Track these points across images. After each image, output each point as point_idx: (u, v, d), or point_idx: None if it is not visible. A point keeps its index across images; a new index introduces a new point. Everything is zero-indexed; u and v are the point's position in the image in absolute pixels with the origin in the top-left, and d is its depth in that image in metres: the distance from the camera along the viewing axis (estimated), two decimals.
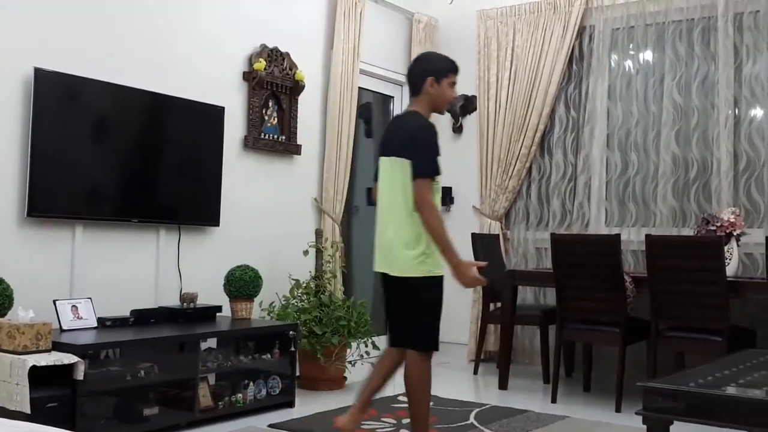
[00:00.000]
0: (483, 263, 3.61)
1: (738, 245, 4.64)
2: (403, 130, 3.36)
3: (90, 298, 3.84)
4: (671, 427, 2.64)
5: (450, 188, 6.38)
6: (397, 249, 3.25)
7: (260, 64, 4.87)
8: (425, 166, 3.20)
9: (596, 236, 5.20)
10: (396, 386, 5.05)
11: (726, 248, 4.48)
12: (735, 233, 4.58)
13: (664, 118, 5.41)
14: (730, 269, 4.50)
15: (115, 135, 4.09)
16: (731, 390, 2.56)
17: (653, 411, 2.63)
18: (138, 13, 4.27)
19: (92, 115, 3.98)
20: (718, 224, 4.54)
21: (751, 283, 4.42)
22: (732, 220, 4.56)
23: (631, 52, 5.70)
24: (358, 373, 5.06)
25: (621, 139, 5.65)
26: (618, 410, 4.35)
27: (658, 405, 2.62)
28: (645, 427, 2.66)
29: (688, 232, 5.15)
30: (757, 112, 5.18)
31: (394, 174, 3.27)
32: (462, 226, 6.13)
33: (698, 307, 4.27)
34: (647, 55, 5.61)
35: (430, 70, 3.35)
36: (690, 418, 2.60)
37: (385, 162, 3.35)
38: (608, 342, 4.62)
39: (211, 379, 4.06)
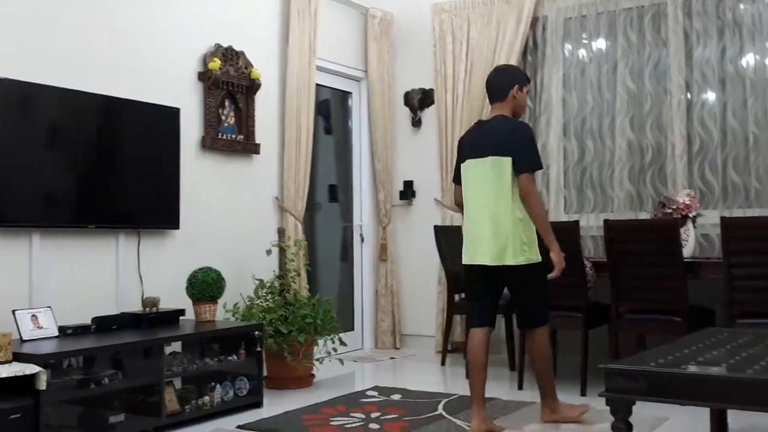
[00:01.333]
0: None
1: (694, 227, 4.73)
2: (500, 131, 3.67)
3: (50, 307, 3.79)
4: (634, 407, 2.70)
5: (411, 181, 6.41)
6: (509, 242, 3.58)
7: (215, 64, 4.84)
8: (531, 162, 3.61)
9: (555, 223, 5.22)
10: (365, 382, 5.08)
11: (682, 230, 4.56)
12: (691, 215, 4.67)
13: (618, 104, 5.49)
14: (687, 250, 4.59)
15: (69, 141, 4.03)
16: (690, 368, 2.61)
17: (615, 392, 2.68)
18: (89, 17, 4.21)
19: (45, 122, 3.92)
20: (674, 207, 4.63)
21: (708, 263, 4.51)
22: (687, 202, 4.65)
23: (584, 41, 5.77)
24: (326, 370, 5.07)
25: (577, 127, 5.72)
26: (583, 393, 4.41)
27: (619, 386, 2.67)
28: (609, 408, 2.71)
29: (645, 215, 5.23)
30: (709, 95, 5.28)
31: (494, 173, 3.61)
32: (424, 219, 6.18)
33: (657, 289, 4.35)
34: (600, 44, 5.68)
35: (516, 80, 3.79)
36: (651, 397, 2.65)
37: (481, 162, 3.66)
38: (571, 327, 4.68)
39: (177, 383, 4.03)
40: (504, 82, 3.78)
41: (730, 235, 4.15)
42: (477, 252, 3.67)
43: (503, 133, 3.65)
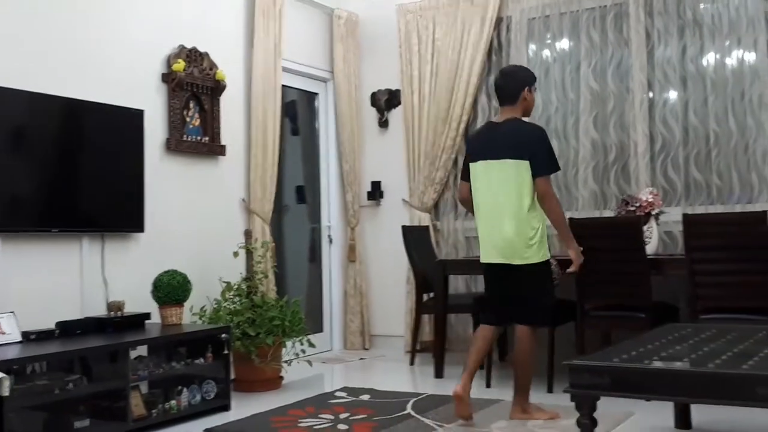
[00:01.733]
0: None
1: (657, 224, 4.79)
2: (516, 134, 3.76)
3: (13, 312, 3.73)
4: (599, 403, 2.73)
5: (379, 182, 6.42)
6: (520, 241, 3.72)
7: (179, 65, 4.80)
8: (548, 164, 3.76)
9: None
10: (334, 383, 5.07)
11: (646, 227, 4.62)
12: (654, 212, 4.73)
13: (582, 104, 5.55)
14: (651, 247, 4.65)
15: (31, 144, 3.98)
16: (654, 363, 2.65)
17: (580, 388, 2.72)
18: (51, 19, 4.16)
19: (6, 125, 3.86)
20: (638, 204, 4.69)
21: (671, 259, 4.57)
22: (650, 200, 4.71)
23: (548, 41, 5.82)
24: (294, 372, 5.06)
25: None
26: (550, 390, 4.45)
27: (584, 382, 2.70)
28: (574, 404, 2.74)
29: (609, 214, 5.29)
30: (670, 94, 5.36)
31: (506, 174, 3.73)
32: (392, 220, 6.19)
33: (621, 286, 4.41)
34: (563, 44, 5.74)
35: (526, 81, 3.87)
36: (615, 392, 2.69)
37: (498, 164, 3.75)
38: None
39: (144, 387, 4.00)
40: (513, 85, 3.86)
41: (693, 231, 4.21)
42: (491, 251, 3.83)
43: (520, 136, 3.77)
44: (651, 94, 5.42)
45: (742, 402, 2.50)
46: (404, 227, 5.68)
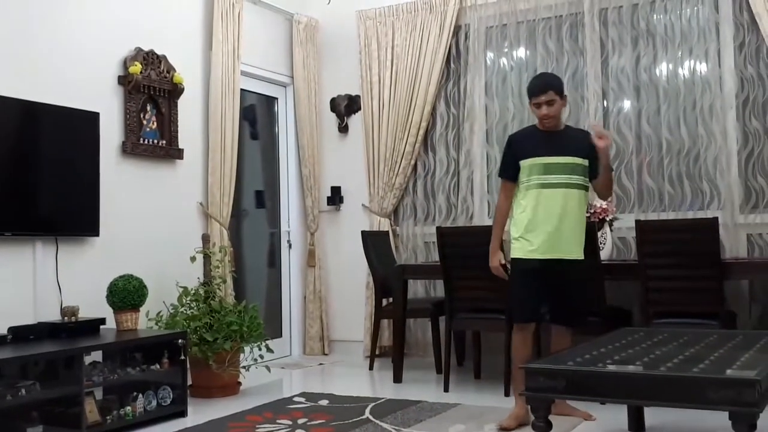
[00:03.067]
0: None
1: (611, 230, 4.88)
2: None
3: None
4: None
5: (339, 187, 6.42)
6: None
7: (135, 68, 4.75)
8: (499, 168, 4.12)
9: (480, 228, 5.32)
10: (292, 388, 5.06)
11: (600, 233, 4.71)
12: (608, 219, 4.82)
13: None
14: (605, 253, 4.73)
15: None
16: (607, 367, 2.70)
17: (535, 391, 2.75)
18: (4, 19, 4.09)
19: None
20: (592, 211, 4.76)
21: (625, 265, 4.66)
22: (604, 206, 4.79)
23: (506, 50, 5.89)
24: (252, 378, 5.02)
25: (499, 134, 5.81)
26: (507, 394, 4.49)
27: (539, 385, 2.74)
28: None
29: None
30: (624, 103, 5.46)
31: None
32: (352, 225, 6.20)
33: None
34: (520, 52, 5.81)
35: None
36: (569, 394, 2.74)
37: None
38: (495, 329, 4.76)
39: (98, 393, 3.94)
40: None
41: (645, 238, 4.30)
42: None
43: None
44: (605, 103, 5.51)
45: (693, 404, 2.57)
46: (364, 232, 5.69)
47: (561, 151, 3.85)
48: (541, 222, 3.83)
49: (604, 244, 4.75)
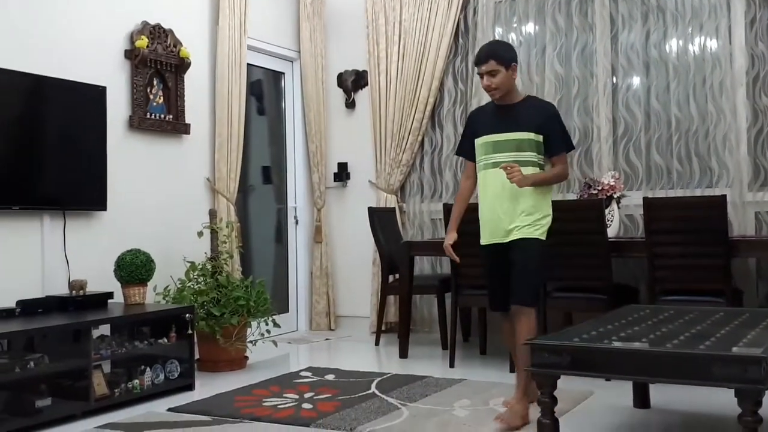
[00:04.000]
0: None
1: (619, 207, 4.86)
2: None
3: None
4: (559, 382, 2.78)
5: (346, 163, 6.41)
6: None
7: (142, 42, 4.73)
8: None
9: None
10: (299, 363, 5.09)
11: (607, 210, 4.69)
12: (615, 196, 4.80)
13: (547, 88, 5.59)
14: (612, 230, 4.72)
15: None
16: (613, 343, 2.71)
17: (540, 367, 2.76)
18: None
19: None
20: (599, 188, 4.75)
21: (632, 242, 4.65)
22: (612, 183, 4.78)
23: (514, 25, 5.84)
24: (259, 352, 5.06)
25: None
26: (512, 370, 4.48)
27: (544, 361, 2.75)
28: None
29: (572, 197, 5.36)
30: (633, 79, 5.42)
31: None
32: (359, 201, 6.20)
33: (583, 268, 4.46)
34: (529, 27, 5.77)
35: None
36: (574, 371, 2.74)
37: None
38: None
39: (106, 366, 3.97)
40: None
41: (653, 215, 4.28)
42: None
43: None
44: (614, 79, 5.48)
45: (699, 381, 2.56)
46: (370, 209, 5.69)
47: (510, 127, 3.51)
48: (488, 207, 3.60)
49: (612, 221, 4.73)
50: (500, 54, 3.52)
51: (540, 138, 3.51)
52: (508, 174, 3.40)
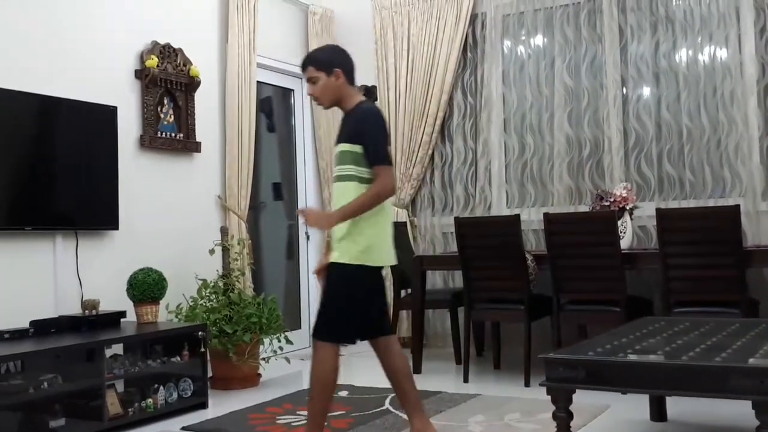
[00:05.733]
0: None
1: (631, 218, 4.84)
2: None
3: None
4: (575, 396, 2.75)
5: None
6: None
7: (152, 61, 4.76)
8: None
9: (497, 218, 5.33)
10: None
11: (620, 222, 4.67)
12: (628, 207, 4.78)
13: (557, 100, 5.58)
14: (625, 242, 4.69)
15: (3, 141, 3.92)
16: (628, 356, 2.68)
17: (556, 381, 2.74)
18: (23, 14, 4.10)
19: None
20: (612, 199, 4.73)
21: (645, 254, 4.62)
22: (624, 194, 4.76)
23: (523, 38, 5.85)
24: (272, 369, 5.05)
25: (517, 123, 5.80)
26: (527, 384, 4.48)
27: (559, 375, 2.72)
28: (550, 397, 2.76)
29: (584, 209, 5.34)
30: (644, 90, 5.41)
31: None
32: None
33: (596, 280, 4.44)
34: (538, 40, 5.77)
35: None
36: (591, 385, 2.72)
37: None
38: (514, 319, 4.75)
39: (119, 386, 3.96)
40: None
41: (666, 226, 4.26)
42: (391, 253, 3.32)
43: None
44: (624, 90, 5.47)
45: (715, 393, 2.54)
46: None
47: (340, 138, 3.23)
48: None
49: (625, 232, 4.71)
50: (319, 59, 3.26)
51: (358, 149, 3.12)
52: (305, 223, 3.18)
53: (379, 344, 3.33)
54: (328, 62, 3.25)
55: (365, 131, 3.15)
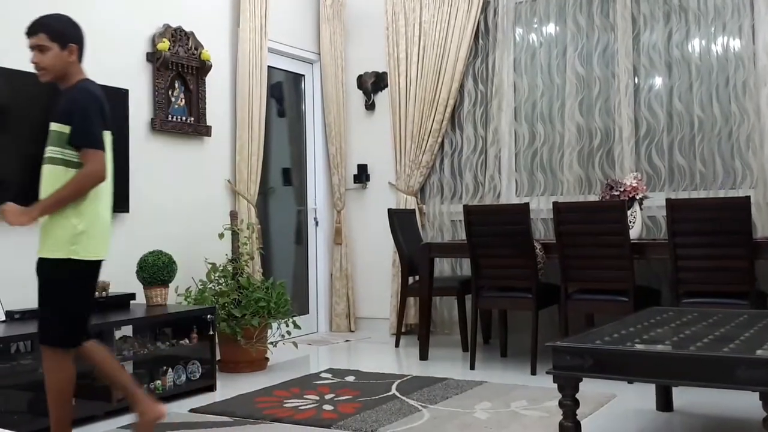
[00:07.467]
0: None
1: (641, 208, 4.83)
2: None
3: None
4: (581, 385, 2.76)
5: (365, 165, 6.42)
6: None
7: (164, 45, 4.77)
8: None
9: (506, 206, 5.32)
10: (319, 364, 5.10)
11: (629, 212, 4.66)
12: (638, 197, 4.77)
13: (568, 89, 5.56)
14: (634, 232, 4.68)
15: (15, 123, 3.94)
16: (635, 345, 2.68)
17: (562, 369, 2.74)
18: None
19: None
20: (622, 189, 4.72)
21: (654, 244, 4.61)
22: (634, 184, 4.75)
23: (535, 25, 5.82)
24: (280, 353, 5.08)
25: (527, 111, 5.78)
26: (533, 373, 4.49)
27: (566, 363, 2.73)
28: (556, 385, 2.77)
29: (594, 198, 5.33)
30: (655, 79, 5.38)
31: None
32: (378, 203, 6.20)
33: (605, 270, 4.44)
34: (550, 28, 5.75)
35: None
36: (596, 373, 2.72)
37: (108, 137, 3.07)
38: (521, 307, 4.76)
39: (129, 367, 3.98)
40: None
41: (676, 216, 4.24)
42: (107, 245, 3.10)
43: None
44: (636, 80, 5.44)
45: (722, 384, 2.54)
46: (390, 210, 5.68)
47: (52, 116, 2.99)
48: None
49: (634, 222, 4.70)
50: (56, 29, 2.97)
51: (67, 129, 2.92)
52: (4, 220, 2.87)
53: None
54: (65, 35, 2.99)
55: (74, 110, 2.93)
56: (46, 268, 2.93)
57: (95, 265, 3.04)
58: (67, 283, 2.94)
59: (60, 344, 2.94)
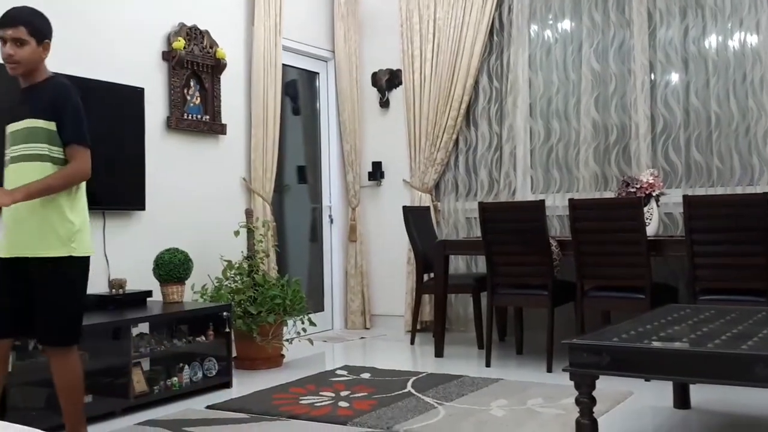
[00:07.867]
0: None
1: (658, 205, 4.80)
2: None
3: None
4: (598, 382, 2.75)
5: (380, 162, 6.42)
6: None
7: (179, 43, 4.79)
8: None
9: (521, 203, 5.31)
10: (335, 361, 5.10)
11: (646, 209, 4.63)
12: (654, 194, 4.74)
13: (584, 85, 5.54)
14: (651, 229, 4.66)
15: None
16: (652, 343, 2.67)
17: (579, 367, 2.73)
18: None
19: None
20: (638, 186, 4.69)
21: (671, 241, 4.58)
22: (651, 181, 4.72)
23: (550, 22, 5.80)
24: (295, 350, 5.09)
25: (543, 108, 5.76)
26: (549, 370, 4.48)
27: (583, 361, 2.72)
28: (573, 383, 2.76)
29: (610, 195, 5.30)
30: (672, 76, 5.34)
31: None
32: (393, 200, 6.20)
33: (621, 267, 4.42)
34: (565, 24, 5.72)
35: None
36: (614, 371, 2.71)
37: None
38: (537, 305, 4.74)
39: (145, 364, 4.02)
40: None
41: (693, 213, 4.22)
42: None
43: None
44: (653, 76, 5.40)
45: (740, 382, 2.52)
46: (405, 208, 5.68)
47: (24, 113, 2.92)
48: (5, 211, 2.94)
49: (651, 219, 4.67)
50: (36, 25, 2.96)
51: (53, 126, 2.91)
52: None
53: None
54: (43, 31, 2.99)
55: (63, 106, 2.93)
56: (64, 267, 2.92)
57: (88, 262, 3.07)
58: (76, 281, 2.99)
59: (70, 343, 2.97)
